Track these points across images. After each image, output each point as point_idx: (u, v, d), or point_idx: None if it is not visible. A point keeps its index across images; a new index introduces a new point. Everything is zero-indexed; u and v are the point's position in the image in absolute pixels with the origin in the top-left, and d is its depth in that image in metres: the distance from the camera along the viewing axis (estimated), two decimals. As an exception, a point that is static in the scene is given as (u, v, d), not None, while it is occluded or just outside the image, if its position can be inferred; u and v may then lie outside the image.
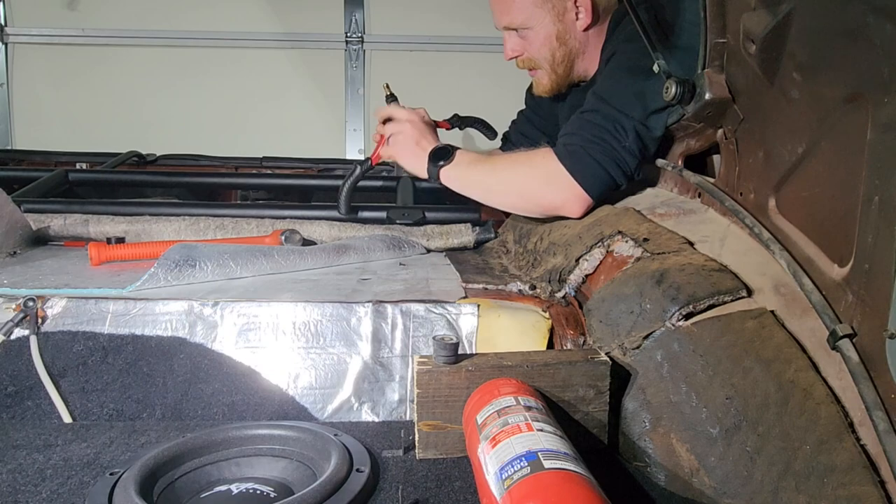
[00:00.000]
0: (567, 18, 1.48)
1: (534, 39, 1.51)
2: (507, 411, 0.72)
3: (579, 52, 1.53)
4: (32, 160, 2.71)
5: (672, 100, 1.10)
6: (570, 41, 1.51)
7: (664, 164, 1.29)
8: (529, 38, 1.51)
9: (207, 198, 2.45)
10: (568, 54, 1.52)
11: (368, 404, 1.02)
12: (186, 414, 1.00)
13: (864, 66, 0.67)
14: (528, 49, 1.53)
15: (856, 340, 0.69)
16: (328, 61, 3.40)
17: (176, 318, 1.04)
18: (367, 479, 0.76)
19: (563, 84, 1.58)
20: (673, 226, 1.07)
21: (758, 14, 0.87)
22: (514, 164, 1.38)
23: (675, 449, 0.79)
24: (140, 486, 0.73)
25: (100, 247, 1.35)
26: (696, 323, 0.84)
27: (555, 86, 1.58)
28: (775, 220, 0.91)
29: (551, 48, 1.51)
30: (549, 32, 1.50)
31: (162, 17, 3.32)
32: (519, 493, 0.58)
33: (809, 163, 0.82)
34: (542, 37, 1.50)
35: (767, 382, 0.73)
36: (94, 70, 3.35)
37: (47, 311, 1.04)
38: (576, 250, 1.15)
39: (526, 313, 1.05)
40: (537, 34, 1.50)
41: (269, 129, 3.36)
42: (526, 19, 1.49)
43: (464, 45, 3.27)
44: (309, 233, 1.58)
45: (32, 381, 0.99)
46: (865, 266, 0.68)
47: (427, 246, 1.61)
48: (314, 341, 1.04)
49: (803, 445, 0.67)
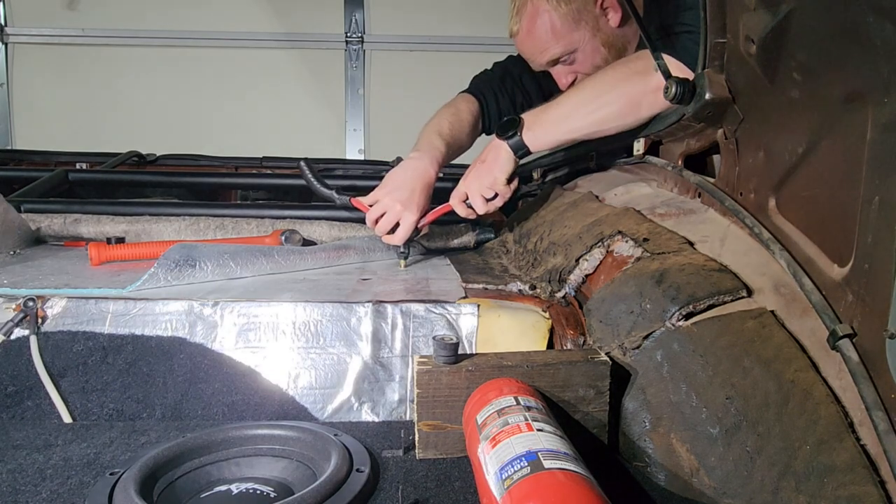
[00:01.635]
0: (602, 24, 1.49)
1: (583, 58, 1.52)
2: (507, 411, 0.72)
3: (626, 45, 1.53)
4: (32, 160, 2.71)
5: (672, 100, 1.10)
6: (614, 41, 1.52)
7: (664, 164, 1.29)
8: (579, 60, 1.52)
9: (207, 198, 2.45)
10: (619, 53, 1.52)
11: (368, 404, 1.02)
12: (186, 414, 1.00)
13: (864, 66, 0.67)
14: (582, 68, 1.54)
15: (856, 340, 0.69)
16: (328, 61, 3.40)
17: (176, 318, 1.04)
18: (367, 479, 0.76)
19: None
20: (673, 226, 1.07)
21: (758, 14, 0.87)
22: (612, 68, 1.32)
23: (675, 449, 0.79)
24: (140, 486, 0.73)
25: (100, 247, 1.35)
26: (696, 323, 0.84)
27: None
28: (775, 220, 0.91)
29: (602, 56, 1.52)
30: (595, 45, 1.51)
31: (162, 17, 3.33)
32: (519, 493, 0.58)
33: (809, 163, 0.82)
34: (590, 51, 1.51)
35: (767, 382, 0.73)
36: (94, 70, 3.35)
37: (47, 311, 1.04)
38: (576, 250, 1.15)
39: (526, 313, 1.05)
40: (584, 52, 1.51)
41: (269, 129, 3.36)
42: (567, 45, 1.50)
43: (464, 45, 3.28)
44: (309, 233, 1.58)
45: (32, 381, 0.99)
46: (865, 266, 0.68)
47: (427, 246, 1.61)
48: (314, 341, 1.04)
49: (803, 445, 0.67)
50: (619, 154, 1.54)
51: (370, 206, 1.43)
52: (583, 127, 1.31)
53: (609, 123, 1.30)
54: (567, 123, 1.31)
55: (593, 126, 1.30)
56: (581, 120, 1.30)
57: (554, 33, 1.49)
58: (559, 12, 1.48)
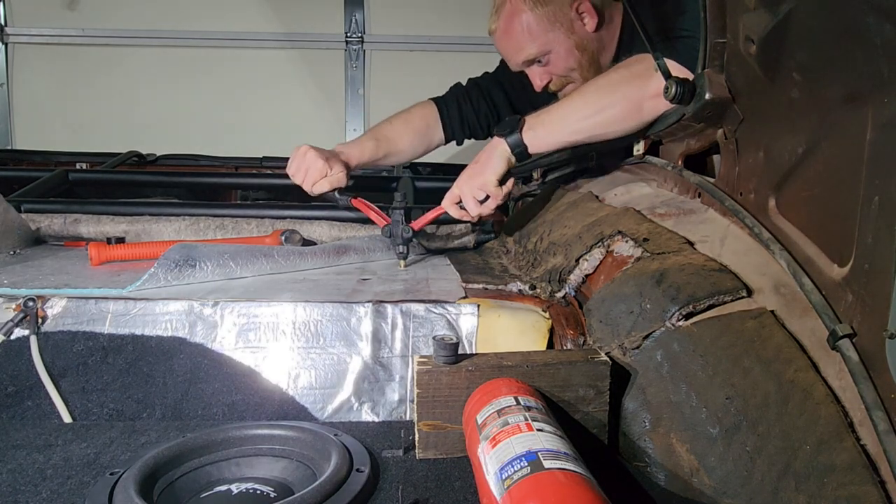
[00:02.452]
0: (577, 27, 1.52)
1: (557, 60, 1.54)
2: (506, 411, 0.72)
3: (600, 50, 1.56)
4: (32, 160, 2.71)
5: (672, 100, 1.10)
6: (589, 45, 1.54)
7: (664, 164, 1.29)
8: (553, 61, 1.55)
9: (207, 198, 2.45)
10: (592, 57, 1.55)
11: (368, 404, 1.02)
12: (186, 414, 1.00)
13: (864, 66, 0.67)
14: (555, 70, 1.56)
15: (856, 340, 0.69)
16: (328, 61, 3.40)
17: (176, 318, 1.04)
18: (367, 479, 0.76)
19: None
20: (673, 226, 1.07)
21: (758, 14, 0.87)
22: (614, 71, 1.32)
23: (675, 449, 0.79)
24: (140, 486, 0.73)
25: (100, 247, 1.35)
26: (696, 323, 0.84)
27: None
28: (775, 220, 0.91)
29: (576, 58, 1.54)
30: (569, 46, 1.53)
31: (162, 17, 3.33)
32: (519, 493, 0.58)
33: (809, 163, 0.82)
34: (564, 52, 1.53)
35: (767, 382, 0.73)
36: (94, 70, 3.35)
37: (47, 311, 1.04)
38: (576, 250, 1.15)
39: (526, 313, 1.05)
40: (558, 53, 1.53)
41: (269, 129, 3.36)
42: (542, 45, 1.53)
43: (464, 45, 3.27)
44: (309, 233, 1.59)
45: (32, 381, 0.99)
46: (865, 266, 0.68)
47: (427, 246, 1.61)
48: (314, 341, 1.04)
49: (803, 445, 0.67)
50: (619, 154, 1.55)
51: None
52: (584, 129, 1.30)
53: (611, 127, 1.30)
54: (568, 124, 1.30)
55: (595, 129, 1.30)
56: (582, 122, 1.29)
57: (530, 33, 1.52)
58: (535, 13, 1.50)
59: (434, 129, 1.81)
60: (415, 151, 1.81)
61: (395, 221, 1.41)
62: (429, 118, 1.80)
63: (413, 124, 1.77)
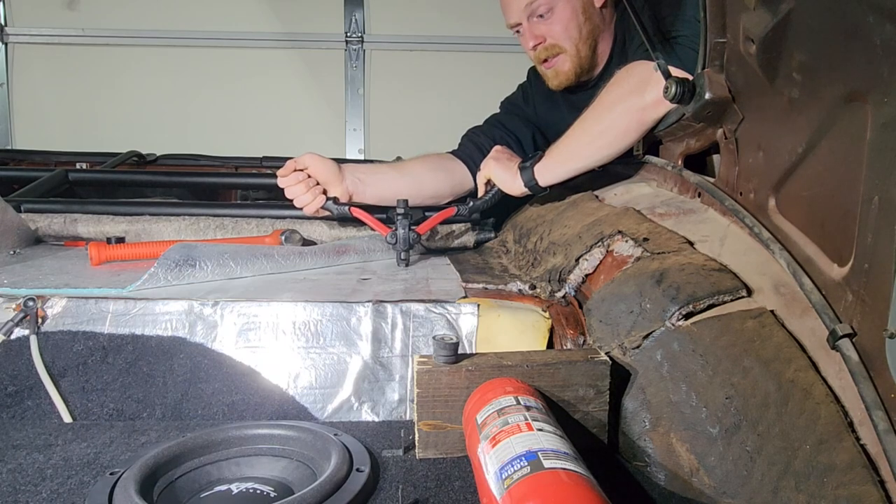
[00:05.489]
0: None
1: (560, 17, 1.51)
2: (506, 411, 0.72)
3: (601, 29, 1.55)
4: (32, 160, 2.71)
5: (672, 100, 1.10)
6: (594, 16, 1.53)
7: (664, 163, 1.29)
8: (554, 19, 1.51)
9: (207, 198, 2.44)
10: (592, 31, 1.54)
11: (368, 404, 1.02)
12: (186, 414, 1.00)
13: (864, 66, 0.67)
14: (552, 31, 1.53)
15: (856, 340, 0.69)
16: (328, 61, 3.40)
17: (176, 318, 1.04)
18: (367, 478, 0.76)
19: (584, 67, 1.58)
20: (673, 226, 1.07)
21: (758, 14, 0.87)
22: (606, 92, 1.32)
23: (674, 449, 0.79)
24: (140, 485, 0.73)
25: (100, 247, 1.35)
26: (696, 323, 0.84)
27: (577, 69, 1.57)
28: (775, 219, 0.91)
29: (578, 23, 1.52)
30: (575, 6, 1.51)
31: (162, 17, 3.33)
32: (519, 493, 0.58)
33: (809, 163, 0.82)
34: (569, 12, 1.51)
35: (767, 382, 0.73)
36: (94, 70, 3.35)
37: (47, 310, 1.04)
38: (576, 250, 1.15)
39: (526, 313, 1.05)
40: (563, 10, 1.50)
41: (269, 129, 3.36)
42: None
43: (464, 45, 3.27)
44: (309, 233, 1.59)
45: (32, 380, 0.99)
46: (865, 266, 0.68)
47: (427, 246, 1.61)
48: (314, 341, 1.04)
49: (803, 445, 0.67)
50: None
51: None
52: (590, 154, 1.35)
53: (616, 145, 1.33)
54: (574, 153, 1.36)
55: (602, 151, 1.34)
56: (586, 148, 1.34)
57: None
58: None
59: (452, 161, 1.72)
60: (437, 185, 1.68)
61: (399, 228, 1.41)
62: (444, 156, 1.73)
63: (431, 161, 1.70)
